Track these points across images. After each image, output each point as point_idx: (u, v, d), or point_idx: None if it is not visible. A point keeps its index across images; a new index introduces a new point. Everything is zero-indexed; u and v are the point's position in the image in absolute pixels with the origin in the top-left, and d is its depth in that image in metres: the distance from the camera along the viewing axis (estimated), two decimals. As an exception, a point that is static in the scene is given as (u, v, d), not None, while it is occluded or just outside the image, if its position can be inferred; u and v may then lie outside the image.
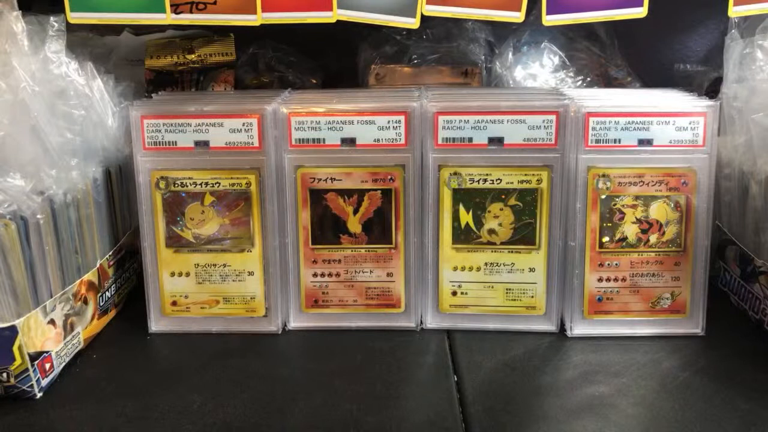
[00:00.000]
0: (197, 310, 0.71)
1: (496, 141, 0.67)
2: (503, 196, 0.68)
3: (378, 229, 0.69)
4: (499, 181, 0.68)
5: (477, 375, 0.62)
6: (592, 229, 0.68)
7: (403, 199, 0.68)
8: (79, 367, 0.65)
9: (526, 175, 0.67)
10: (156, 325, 0.71)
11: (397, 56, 0.92)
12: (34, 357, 0.59)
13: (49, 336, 0.61)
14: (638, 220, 0.68)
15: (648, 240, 0.68)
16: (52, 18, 0.64)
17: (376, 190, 0.68)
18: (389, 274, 0.70)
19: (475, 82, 0.89)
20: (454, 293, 0.70)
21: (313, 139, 0.67)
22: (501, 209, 0.68)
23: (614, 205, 0.67)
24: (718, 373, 0.62)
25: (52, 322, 0.61)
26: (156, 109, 0.67)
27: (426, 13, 0.67)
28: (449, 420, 0.56)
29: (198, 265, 0.70)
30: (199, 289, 0.70)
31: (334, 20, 0.67)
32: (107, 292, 0.71)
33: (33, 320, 0.58)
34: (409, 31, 0.92)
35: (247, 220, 0.69)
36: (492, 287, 0.70)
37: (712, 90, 0.88)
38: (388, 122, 0.67)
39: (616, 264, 0.68)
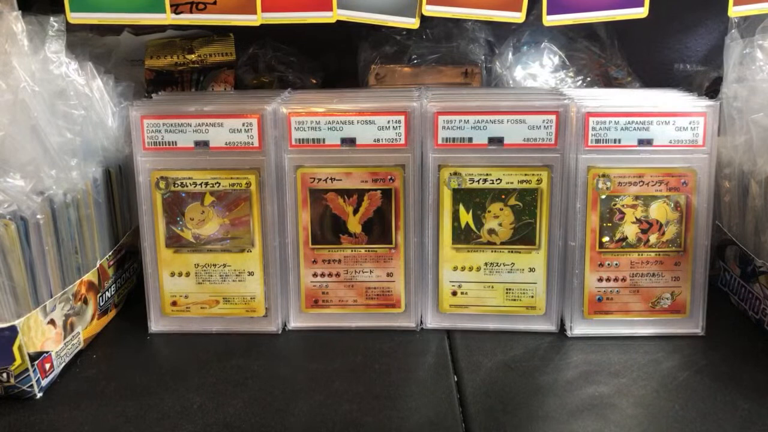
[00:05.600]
0: (197, 310, 0.71)
1: (496, 141, 0.67)
2: (503, 196, 0.68)
3: (378, 229, 0.69)
4: (499, 181, 0.68)
5: (477, 375, 0.62)
6: (592, 229, 0.68)
7: (403, 199, 0.68)
8: (79, 367, 0.65)
9: (526, 175, 0.67)
10: (156, 325, 0.71)
11: (397, 56, 0.92)
12: (34, 357, 0.59)
13: (49, 336, 0.61)
14: (638, 220, 0.68)
15: (648, 240, 0.68)
16: (52, 18, 0.64)
17: (376, 190, 0.68)
18: (389, 274, 0.70)
19: (475, 82, 0.89)
20: (454, 293, 0.70)
21: (313, 139, 0.67)
22: (501, 209, 0.68)
23: (614, 205, 0.67)
24: (718, 373, 0.62)
25: (52, 322, 0.61)
26: (156, 109, 0.67)
27: (426, 13, 0.67)
28: (449, 420, 0.56)
29: (198, 265, 0.70)
30: (199, 289, 0.70)
31: (334, 20, 0.67)
32: (107, 292, 0.71)
33: (33, 320, 0.58)
34: (409, 31, 0.92)
35: (247, 220, 0.69)
36: (492, 287, 0.70)
37: (712, 90, 0.88)
38: (388, 122, 0.67)
39: (616, 264, 0.68)
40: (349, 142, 0.67)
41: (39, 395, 0.60)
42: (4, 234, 0.56)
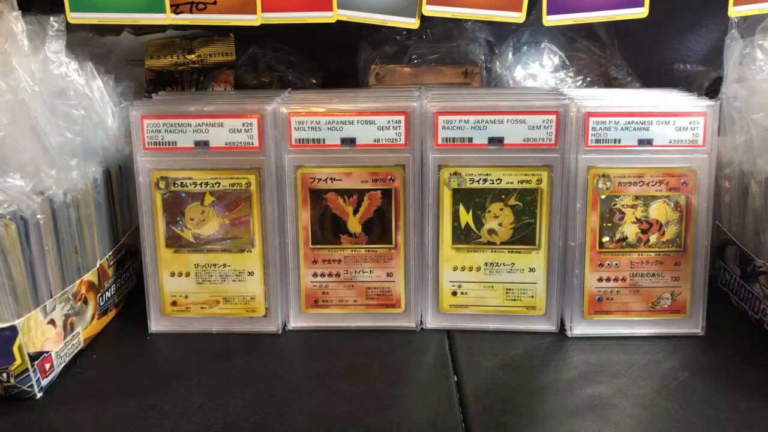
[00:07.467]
0: (197, 310, 0.71)
1: (496, 141, 0.67)
2: (503, 196, 0.68)
3: (378, 229, 0.69)
4: (499, 181, 0.68)
5: (477, 375, 0.62)
6: (592, 229, 0.68)
7: (403, 199, 0.68)
8: (79, 367, 0.65)
9: (526, 175, 0.67)
10: (156, 325, 0.71)
11: (397, 56, 0.92)
12: (34, 357, 0.59)
13: (49, 336, 0.61)
14: (638, 220, 0.68)
15: (648, 240, 0.68)
16: (52, 18, 0.64)
17: (376, 190, 0.68)
18: (389, 274, 0.70)
19: (475, 82, 0.89)
20: (454, 293, 0.70)
21: (313, 139, 0.67)
22: (501, 209, 0.68)
23: (614, 205, 0.67)
24: (718, 373, 0.62)
25: (52, 322, 0.61)
26: (156, 109, 0.67)
27: (426, 13, 0.67)
28: (449, 420, 0.56)
29: (198, 265, 0.70)
30: (199, 289, 0.70)
31: (334, 20, 0.67)
32: (107, 292, 0.71)
33: (33, 320, 0.58)
34: (409, 31, 0.92)
35: (247, 220, 0.69)
36: (492, 287, 0.70)
37: (712, 90, 0.88)
38: (388, 122, 0.67)
39: (616, 264, 0.68)
40: (349, 142, 0.67)
41: (39, 395, 0.60)
42: (4, 234, 0.56)
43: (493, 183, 0.68)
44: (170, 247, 0.70)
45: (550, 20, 0.67)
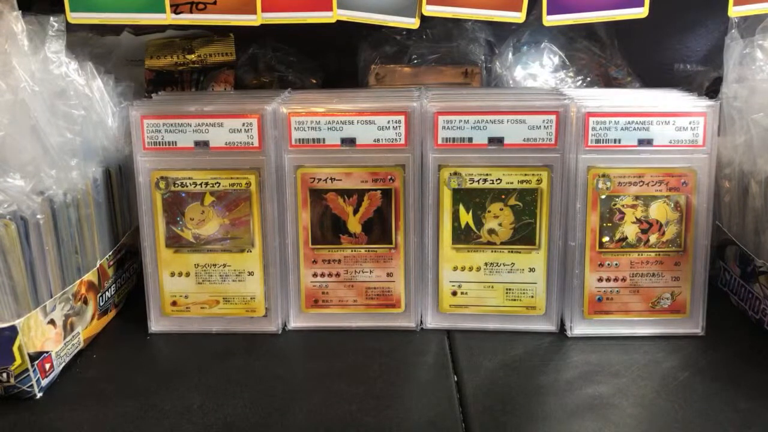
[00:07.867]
0: (197, 310, 0.71)
1: (496, 141, 0.67)
2: (503, 196, 0.68)
3: (378, 229, 0.69)
4: (499, 181, 0.68)
5: (477, 375, 0.62)
6: (592, 229, 0.68)
7: (403, 199, 0.68)
8: (79, 367, 0.65)
9: (526, 175, 0.67)
10: (156, 325, 0.71)
11: (397, 56, 0.92)
12: (34, 357, 0.59)
13: (49, 336, 0.61)
14: (638, 220, 0.68)
15: (648, 240, 0.68)
16: (52, 18, 0.64)
17: (376, 190, 0.68)
18: (389, 274, 0.70)
19: (475, 82, 0.89)
20: (454, 293, 0.70)
21: (313, 139, 0.67)
22: (501, 209, 0.68)
23: (614, 205, 0.67)
24: (718, 373, 0.62)
25: (52, 322, 0.61)
26: (156, 109, 0.67)
27: (426, 13, 0.67)
28: (449, 420, 0.56)
29: (198, 265, 0.70)
30: (199, 289, 0.70)
31: (334, 20, 0.67)
32: (107, 292, 0.71)
33: (33, 320, 0.58)
34: (409, 31, 0.92)
35: (247, 220, 0.69)
36: (492, 287, 0.70)
37: (712, 90, 0.88)
38: (388, 122, 0.67)
39: (616, 264, 0.68)
40: (349, 142, 0.67)
41: (39, 395, 0.60)
42: (4, 234, 0.56)
43: (493, 183, 0.68)
44: (170, 247, 0.70)
45: (550, 20, 0.67)
